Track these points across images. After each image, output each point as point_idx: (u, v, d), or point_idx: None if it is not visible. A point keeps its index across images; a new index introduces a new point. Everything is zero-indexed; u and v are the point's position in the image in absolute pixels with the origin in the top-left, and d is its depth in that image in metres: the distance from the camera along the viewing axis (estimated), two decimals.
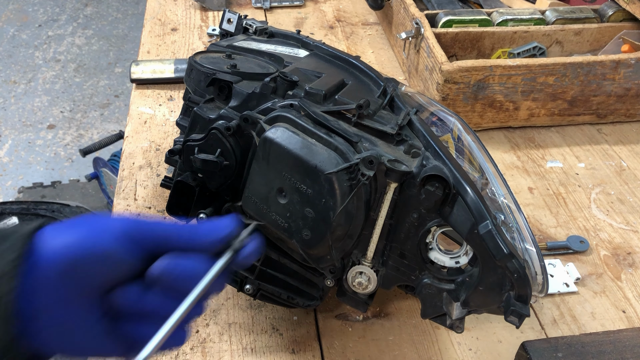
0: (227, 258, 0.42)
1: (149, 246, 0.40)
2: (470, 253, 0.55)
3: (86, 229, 0.39)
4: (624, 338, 0.60)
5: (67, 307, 0.38)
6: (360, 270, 0.56)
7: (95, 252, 0.38)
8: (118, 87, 2.82)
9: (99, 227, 0.39)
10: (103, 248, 0.38)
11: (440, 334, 0.68)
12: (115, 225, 0.39)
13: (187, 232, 0.41)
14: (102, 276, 0.38)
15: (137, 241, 0.39)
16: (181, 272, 0.39)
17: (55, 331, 0.38)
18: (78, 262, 0.37)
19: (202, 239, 0.41)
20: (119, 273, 0.39)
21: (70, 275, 0.37)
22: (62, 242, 0.38)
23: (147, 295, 0.40)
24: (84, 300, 0.38)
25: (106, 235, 0.39)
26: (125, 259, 0.39)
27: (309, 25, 1.28)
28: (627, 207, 0.86)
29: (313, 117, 0.56)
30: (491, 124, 0.98)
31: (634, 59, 0.93)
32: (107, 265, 0.38)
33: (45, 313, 0.37)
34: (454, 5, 1.18)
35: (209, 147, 0.60)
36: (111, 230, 0.39)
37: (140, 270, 0.40)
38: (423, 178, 0.51)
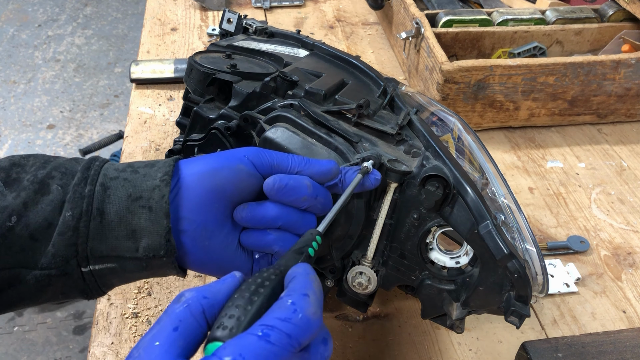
0: (359, 178, 0.49)
1: (267, 169, 0.48)
2: (471, 253, 0.55)
3: (218, 155, 0.48)
4: (625, 338, 0.60)
5: (207, 211, 0.46)
6: (360, 271, 0.55)
7: (229, 165, 0.47)
8: (118, 87, 2.82)
9: (229, 153, 0.48)
10: (235, 163, 0.47)
11: (441, 334, 0.67)
12: (242, 151, 0.48)
13: (299, 161, 0.49)
14: (234, 185, 0.46)
15: (260, 163, 0.48)
16: (288, 182, 0.47)
17: (198, 233, 0.46)
18: (216, 172, 0.46)
19: (311, 167, 0.49)
20: (247, 185, 0.47)
21: (209, 184, 0.46)
22: (201, 162, 0.47)
23: (262, 206, 0.48)
24: (221, 205, 0.46)
25: (236, 156, 0.47)
26: (252, 173, 0.47)
27: (309, 25, 1.28)
28: (628, 207, 0.86)
29: (313, 117, 0.56)
30: (491, 123, 0.98)
31: (634, 59, 0.93)
32: (238, 176, 0.46)
33: (190, 216, 0.45)
34: (454, 5, 1.18)
35: (209, 147, 0.59)
36: (239, 154, 0.48)
37: (260, 190, 0.48)
38: (423, 178, 0.51)
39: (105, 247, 0.44)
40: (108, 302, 0.69)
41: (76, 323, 1.79)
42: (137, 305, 0.69)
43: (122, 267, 0.46)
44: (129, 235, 0.44)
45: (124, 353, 0.64)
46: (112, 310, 0.68)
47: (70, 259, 0.44)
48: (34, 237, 0.43)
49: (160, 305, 0.69)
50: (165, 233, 0.44)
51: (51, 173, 0.45)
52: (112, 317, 0.68)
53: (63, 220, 0.43)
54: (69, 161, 0.47)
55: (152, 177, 0.45)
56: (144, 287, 0.71)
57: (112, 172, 0.46)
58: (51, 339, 1.75)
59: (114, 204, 0.44)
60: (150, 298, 0.70)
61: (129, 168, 0.46)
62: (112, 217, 0.44)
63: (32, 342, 1.73)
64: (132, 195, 0.44)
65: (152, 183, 0.45)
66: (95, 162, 0.47)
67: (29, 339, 1.74)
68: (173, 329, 0.34)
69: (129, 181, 0.45)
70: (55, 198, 0.44)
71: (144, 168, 0.46)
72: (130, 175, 0.46)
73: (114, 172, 0.46)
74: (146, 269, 0.46)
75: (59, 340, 1.74)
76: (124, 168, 0.46)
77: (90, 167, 0.46)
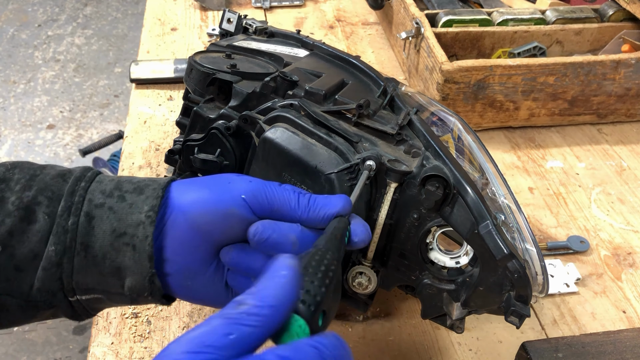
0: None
1: (265, 212, 0.44)
2: (471, 253, 0.55)
3: (213, 187, 0.44)
4: (625, 338, 0.60)
5: (192, 253, 0.44)
6: (360, 271, 0.55)
7: (221, 209, 0.43)
8: (118, 87, 2.82)
9: (225, 188, 0.44)
10: (228, 206, 0.43)
11: (440, 334, 0.67)
12: (239, 188, 0.44)
13: (304, 205, 0.44)
14: (222, 232, 0.44)
15: (257, 205, 0.44)
16: (270, 236, 0.43)
17: (181, 275, 0.44)
18: (205, 214, 0.43)
19: (317, 213, 0.44)
20: (236, 230, 0.44)
21: (196, 225, 0.43)
22: (194, 193, 0.44)
23: (248, 255, 0.45)
24: (206, 248, 0.44)
25: (231, 195, 0.43)
26: (245, 218, 0.43)
27: (309, 25, 1.28)
28: (628, 207, 0.86)
29: (313, 117, 0.56)
30: (491, 123, 0.98)
31: (634, 59, 0.93)
32: (229, 222, 0.43)
33: (173, 258, 0.43)
34: (454, 5, 1.18)
35: (208, 147, 0.59)
36: (234, 193, 0.44)
37: None
38: (423, 178, 0.51)
39: (90, 280, 0.43)
40: None
41: (76, 323, 1.79)
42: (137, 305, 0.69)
43: (109, 299, 0.44)
44: (113, 272, 0.42)
45: (124, 353, 0.64)
46: (112, 310, 0.68)
47: (56, 292, 0.42)
48: (19, 268, 0.41)
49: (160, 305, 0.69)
50: (150, 276, 0.42)
51: (37, 198, 0.42)
52: (112, 317, 0.68)
53: (47, 255, 0.41)
54: (56, 181, 0.44)
55: (138, 209, 0.42)
56: None
57: (98, 196, 0.43)
58: (51, 339, 1.75)
59: (98, 239, 0.42)
60: None
61: (116, 191, 0.43)
62: (97, 252, 0.42)
63: (32, 342, 1.73)
64: (116, 231, 0.42)
65: (137, 218, 0.42)
66: (82, 182, 0.44)
67: (29, 339, 1.74)
68: (226, 334, 0.30)
69: (114, 212, 0.42)
70: (42, 228, 0.42)
71: (132, 194, 0.43)
72: (117, 204, 0.43)
73: (100, 196, 0.43)
74: (133, 302, 0.44)
75: (59, 340, 1.74)
76: (111, 191, 0.43)
77: (75, 192, 0.43)
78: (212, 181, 0.46)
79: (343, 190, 0.52)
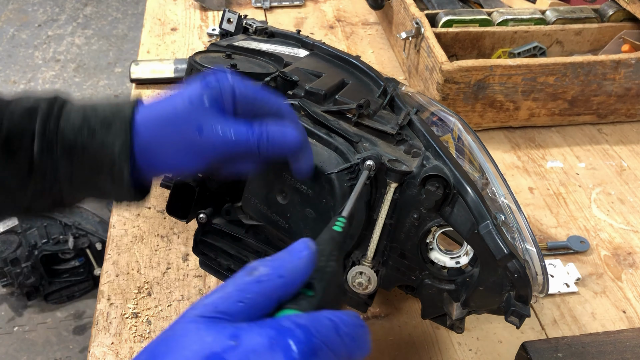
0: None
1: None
2: (471, 253, 0.55)
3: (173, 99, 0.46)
4: (625, 338, 0.60)
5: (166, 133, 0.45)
6: (360, 271, 0.55)
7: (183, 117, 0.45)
8: (118, 87, 2.82)
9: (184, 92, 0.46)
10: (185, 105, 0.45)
11: (441, 334, 0.67)
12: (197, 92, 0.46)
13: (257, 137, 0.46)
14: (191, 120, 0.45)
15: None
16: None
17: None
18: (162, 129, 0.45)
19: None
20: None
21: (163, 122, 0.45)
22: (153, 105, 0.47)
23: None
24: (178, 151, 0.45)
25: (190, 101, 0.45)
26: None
27: (309, 25, 1.28)
28: (628, 207, 0.86)
29: (313, 117, 0.56)
30: (491, 123, 0.98)
31: (634, 59, 0.93)
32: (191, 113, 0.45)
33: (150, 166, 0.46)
34: (454, 5, 1.18)
35: None
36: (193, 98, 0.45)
37: None
38: (423, 178, 0.51)
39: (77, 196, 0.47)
40: (108, 302, 0.69)
41: (76, 323, 1.79)
42: (137, 305, 0.69)
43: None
44: (96, 195, 0.47)
45: (124, 353, 0.64)
46: (112, 310, 0.68)
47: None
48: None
49: (160, 305, 0.69)
50: (132, 193, 0.46)
51: (10, 133, 0.44)
52: (112, 317, 0.68)
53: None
54: (24, 119, 0.45)
55: (109, 148, 0.44)
56: (144, 287, 0.71)
57: (69, 134, 0.44)
58: (51, 339, 1.75)
59: (78, 174, 0.45)
60: (150, 298, 0.70)
61: (85, 127, 0.45)
62: (80, 181, 0.45)
63: (32, 342, 1.73)
64: (93, 169, 0.45)
65: (111, 157, 0.44)
66: (50, 121, 0.45)
67: (29, 339, 1.74)
68: (237, 301, 0.31)
69: (87, 150, 0.44)
70: (23, 161, 0.44)
71: (101, 130, 0.45)
72: (88, 141, 0.44)
73: (71, 133, 0.44)
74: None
75: (59, 340, 1.74)
76: (80, 127, 0.45)
77: (46, 133, 0.44)
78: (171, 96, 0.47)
79: (343, 190, 0.52)
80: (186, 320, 0.31)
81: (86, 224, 1.73)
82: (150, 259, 0.75)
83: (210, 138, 0.45)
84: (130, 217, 0.81)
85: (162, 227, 0.79)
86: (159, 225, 0.80)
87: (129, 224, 0.80)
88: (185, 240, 0.78)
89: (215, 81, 0.46)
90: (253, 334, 0.29)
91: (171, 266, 0.74)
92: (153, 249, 0.76)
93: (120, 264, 0.74)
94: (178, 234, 0.78)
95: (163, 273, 0.73)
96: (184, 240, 0.78)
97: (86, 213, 1.77)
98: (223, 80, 0.46)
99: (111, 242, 0.77)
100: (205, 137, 0.45)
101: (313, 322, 0.30)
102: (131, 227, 0.79)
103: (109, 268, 0.74)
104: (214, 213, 0.63)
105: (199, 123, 0.45)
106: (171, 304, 0.70)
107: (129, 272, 0.73)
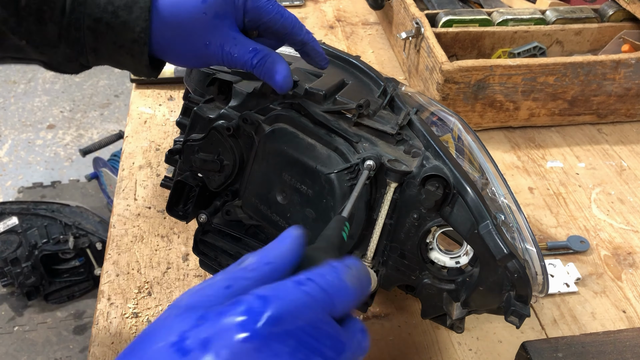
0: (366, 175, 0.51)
1: None
2: (471, 253, 0.55)
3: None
4: (625, 338, 0.60)
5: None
6: None
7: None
8: (118, 87, 2.82)
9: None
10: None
11: (441, 334, 0.68)
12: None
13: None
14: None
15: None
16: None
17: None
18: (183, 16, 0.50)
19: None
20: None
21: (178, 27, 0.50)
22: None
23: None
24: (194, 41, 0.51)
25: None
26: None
27: (309, 25, 1.28)
28: (628, 207, 0.86)
29: (313, 117, 0.56)
30: (491, 123, 0.98)
31: (634, 59, 0.93)
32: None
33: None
34: (454, 5, 1.18)
35: (208, 147, 0.60)
36: None
37: None
38: (423, 178, 0.51)
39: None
40: (108, 302, 0.70)
41: (76, 323, 1.79)
42: (137, 305, 0.69)
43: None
44: (117, 66, 0.53)
45: None
46: (112, 310, 0.68)
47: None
48: None
49: (160, 305, 0.69)
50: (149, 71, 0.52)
51: (42, 7, 0.48)
52: (112, 317, 0.68)
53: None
54: None
55: (130, 28, 0.49)
56: (144, 287, 0.71)
57: (95, 11, 0.49)
58: (51, 339, 1.75)
59: (101, 47, 0.50)
60: (150, 298, 0.70)
61: (109, 6, 0.49)
62: (103, 54, 0.51)
63: (32, 342, 1.73)
64: (116, 43, 0.50)
65: (131, 36, 0.49)
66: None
67: (29, 339, 1.74)
68: (224, 287, 0.32)
69: (111, 28, 0.49)
70: (53, 31, 0.49)
71: (123, 11, 0.49)
72: (112, 20, 0.49)
73: (97, 10, 0.49)
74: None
75: (59, 340, 1.74)
76: (105, 5, 0.49)
77: (74, 9, 0.48)
78: None
79: (343, 190, 0.52)
80: (167, 310, 0.31)
81: (86, 224, 1.74)
82: (150, 259, 0.75)
83: (215, 52, 0.51)
84: (131, 217, 0.81)
85: (162, 227, 0.79)
86: (159, 225, 0.80)
87: (129, 224, 0.80)
88: (185, 240, 0.78)
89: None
90: (221, 313, 0.29)
91: (171, 266, 0.74)
92: (153, 248, 0.76)
93: (120, 263, 0.74)
94: (178, 234, 0.78)
95: (163, 273, 0.73)
96: (184, 240, 0.78)
97: (86, 213, 1.78)
98: None
99: (111, 242, 0.77)
100: (211, 51, 0.51)
101: (270, 290, 0.30)
102: (131, 227, 0.79)
103: (109, 268, 0.74)
104: (214, 213, 0.63)
105: (207, 38, 0.50)
106: None
107: (129, 272, 0.73)
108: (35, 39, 0.48)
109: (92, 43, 0.50)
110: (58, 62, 0.51)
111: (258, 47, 0.52)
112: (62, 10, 0.48)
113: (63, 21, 0.48)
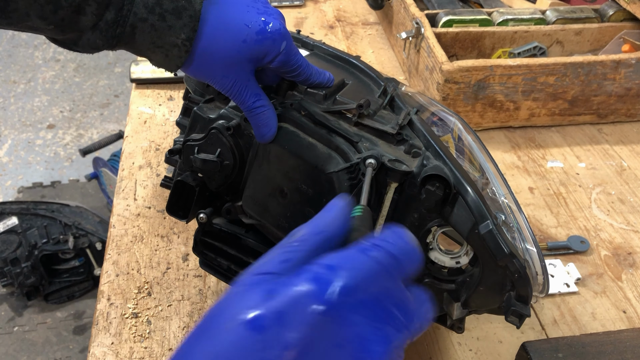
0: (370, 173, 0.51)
1: None
2: (471, 253, 0.55)
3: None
4: (625, 338, 0.60)
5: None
6: None
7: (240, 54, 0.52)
8: (118, 87, 2.82)
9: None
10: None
11: (441, 334, 0.67)
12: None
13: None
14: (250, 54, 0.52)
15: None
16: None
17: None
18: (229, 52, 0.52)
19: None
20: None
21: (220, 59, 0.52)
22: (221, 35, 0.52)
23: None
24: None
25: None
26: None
27: (309, 25, 1.28)
28: (628, 207, 0.86)
29: (313, 117, 0.56)
30: (492, 123, 0.98)
31: (634, 59, 0.93)
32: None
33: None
34: (454, 5, 1.18)
35: (209, 147, 0.59)
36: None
37: None
38: (423, 178, 0.51)
39: None
40: (108, 302, 0.69)
41: (76, 323, 1.79)
42: (137, 305, 0.69)
43: None
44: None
45: (124, 353, 0.64)
46: (112, 310, 0.68)
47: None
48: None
49: (160, 305, 0.69)
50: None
51: (87, 1, 0.47)
52: (112, 317, 0.68)
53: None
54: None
55: (175, 33, 0.50)
56: (144, 287, 0.71)
57: (142, 10, 0.49)
58: (51, 339, 1.75)
59: (138, 44, 0.50)
60: (150, 298, 0.70)
61: (157, 8, 0.49)
62: (136, 50, 0.51)
63: (32, 342, 1.73)
64: (154, 43, 0.50)
65: (174, 40, 0.50)
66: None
67: (29, 339, 1.74)
68: (282, 261, 0.32)
69: (155, 29, 0.49)
70: (90, 22, 0.48)
71: (171, 16, 0.50)
72: (158, 22, 0.49)
73: (144, 11, 0.49)
74: None
75: (59, 340, 1.74)
76: (152, 7, 0.49)
77: (123, 6, 0.48)
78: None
79: (343, 190, 0.52)
80: (230, 290, 0.31)
81: (86, 224, 1.73)
82: (150, 259, 0.75)
83: (225, 84, 0.53)
84: (130, 217, 0.81)
85: (162, 227, 0.79)
86: (159, 225, 0.80)
87: (129, 224, 0.80)
88: (185, 240, 0.78)
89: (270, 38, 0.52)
90: (289, 284, 0.29)
91: (171, 266, 0.74)
92: (153, 249, 0.76)
93: (120, 264, 0.74)
94: (178, 234, 0.78)
95: (163, 273, 0.73)
96: (184, 240, 0.78)
97: (86, 213, 1.78)
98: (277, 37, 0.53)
99: (111, 242, 0.77)
100: (223, 81, 0.53)
101: (338, 260, 0.30)
102: (131, 227, 0.79)
103: (109, 268, 0.74)
104: (214, 213, 0.63)
105: (228, 71, 0.53)
106: (171, 304, 0.70)
107: (129, 272, 0.73)
108: (65, 25, 0.47)
109: (128, 38, 0.50)
110: (73, 42, 0.50)
111: (262, 97, 0.55)
112: (106, 6, 0.47)
113: (106, 16, 0.48)
